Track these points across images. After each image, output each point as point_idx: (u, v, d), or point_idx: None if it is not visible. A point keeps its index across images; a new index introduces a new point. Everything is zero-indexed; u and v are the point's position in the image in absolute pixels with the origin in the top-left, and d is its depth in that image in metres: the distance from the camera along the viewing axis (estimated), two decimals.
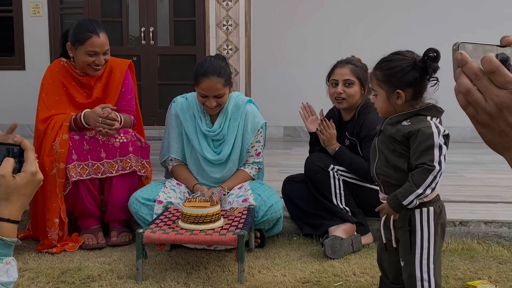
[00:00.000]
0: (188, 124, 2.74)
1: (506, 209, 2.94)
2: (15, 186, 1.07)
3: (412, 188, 1.68)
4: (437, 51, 1.64)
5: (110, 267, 2.39)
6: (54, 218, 2.59)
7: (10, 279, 1.07)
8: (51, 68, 2.85)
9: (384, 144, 1.76)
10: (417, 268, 1.75)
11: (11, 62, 6.11)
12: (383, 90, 1.75)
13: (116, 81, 2.86)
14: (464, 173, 3.90)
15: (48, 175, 2.58)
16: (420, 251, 1.74)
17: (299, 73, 5.74)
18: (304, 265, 2.40)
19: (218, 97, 2.61)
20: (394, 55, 1.75)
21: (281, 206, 2.65)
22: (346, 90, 2.64)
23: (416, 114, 1.72)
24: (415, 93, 1.71)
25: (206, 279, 2.25)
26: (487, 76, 0.66)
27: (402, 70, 1.70)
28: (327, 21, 5.79)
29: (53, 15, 5.97)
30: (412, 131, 1.68)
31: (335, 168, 2.63)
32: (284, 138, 5.86)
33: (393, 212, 1.74)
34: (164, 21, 5.90)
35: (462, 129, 5.78)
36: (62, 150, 2.60)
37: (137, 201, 2.58)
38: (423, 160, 1.67)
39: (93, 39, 2.71)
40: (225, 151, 2.74)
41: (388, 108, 1.76)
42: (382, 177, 1.79)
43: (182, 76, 5.87)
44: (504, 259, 2.47)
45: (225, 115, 2.74)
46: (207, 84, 2.56)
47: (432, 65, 1.66)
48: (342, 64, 2.68)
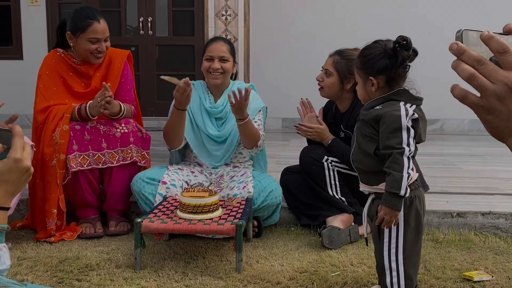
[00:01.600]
0: (193, 104, 2.78)
1: (503, 200, 2.95)
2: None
3: (397, 177, 1.65)
4: (407, 38, 1.67)
5: (108, 256, 2.40)
6: (53, 208, 2.59)
7: (3, 267, 1.06)
8: (47, 59, 2.83)
9: (358, 130, 1.79)
10: (386, 257, 1.76)
11: (9, 51, 6.08)
12: (360, 77, 1.79)
13: (115, 72, 2.85)
14: (462, 165, 3.90)
15: (48, 165, 2.58)
16: (388, 240, 1.75)
17: (298, 64, 5.72)
18: (301, 255, 2.42)
19: (222, 60, 2.74)
20: (373, 43, 1.78)
21: (280, 193, 2.68)
22: (324, 79, 2.65)
23: (390, 99, 1.74)
24: (387, 80, 1.73)
25: (204, 269, 2.26)
26: (497, 55, 0.66)
27: (374, 57, 1.73)
28: (327, 11, 5.77)
29: (51, 4, 5.93)
30: (380, 114, 1.70)
31: (329, 159, 2.63)
32: (282, 130, 5.86)
33: (393, 212, 1.68)
34: (162, 11, 5.87)
35: (460, 122, 5.79)
36: (62, 141, 2.59)
37: (141, 180, 2.60)
38: (391, 142, 1.67)
39: (95, 25, 2.70)
40: (227, 128, 2.78)
41: (365, 95, 1.80)
42: (356, 163, 1.81)
43: (181, 67, 5.86)
44: (501, 250, 2.48)
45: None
46: (214, 46, 2.76)
47: (402, 53, 1.68)
48: (333, 53, 2.69)
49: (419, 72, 1.79)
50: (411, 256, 1.76)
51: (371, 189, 1.79)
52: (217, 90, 2.85)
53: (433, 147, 4.50)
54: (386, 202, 1.68)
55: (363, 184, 1.82)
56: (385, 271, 1.77)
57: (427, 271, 2.23)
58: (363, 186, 1.82)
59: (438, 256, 2.40)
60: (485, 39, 0.67)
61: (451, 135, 5.52)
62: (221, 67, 2.75)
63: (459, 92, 0.69)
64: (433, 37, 5.59)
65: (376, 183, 1.75)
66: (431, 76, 4.68)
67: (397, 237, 1.74)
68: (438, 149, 4.49)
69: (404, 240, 1.74)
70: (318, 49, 4.02)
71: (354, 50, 2.69)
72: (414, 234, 1.75)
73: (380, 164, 1.72)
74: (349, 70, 2.56)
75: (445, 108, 5.52)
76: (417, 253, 1.80)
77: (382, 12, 5.67)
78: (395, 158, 1.66)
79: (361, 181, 1.82)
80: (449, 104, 5.62)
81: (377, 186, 1.75)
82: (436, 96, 4.02)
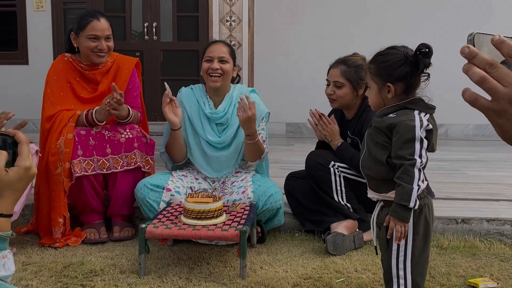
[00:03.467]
0: (192, 110, 2.76)
1: (509, 207, 2.94)
2: (8, 181, 1.02)
3: (407, 189, 1.65)
4: (429, 46, 1.65)
5: (112, 261, 2.40)
6: (58, 217, 2.59)
7: (8, 273, 1.06)
8: (55, 64, 2.86)
9: (370, 137, 1.78)
10: (393, 265, 1.75)
11: (14, 56, 6.11)
12: (375, 83, 1.77)
13: (122, 78, 2.87)
14: (467, 170, 3.89)
15: (52, 174, 2.58)
16: (397, 248, 1.73)
17: (302, 70, 5.72)
18: (306, 261, 2.41)
19: (222, 62, 2.68)
20: (389, 49, 1.76)
21: (281, 197, 2.66)
22: (336, 92, 2.63)
23: (404, 107, 1.73)
24: (406, 87, 1.72)
25: (208, 274, 2.26)
26: (508, 59, 0.66)
27: (394, 64, 1.71)
28: (330, 16, 5.78)
29: (57, 10, 5.97)
30: (394, 123, 1.69)
31: (336, 165, 2.63)
32: (286, 135, 5.85)
33: (402, 223, 1.68)
34: (167, 16, 5.89)
35: (464, 127, 5.77)
36: (67, 149, 2.59)
37: (145, 187, 2.59)
38: (403, 152, 1.66)
39: (93, 23, 2.74)
40: (228, 134, 2.74)
41: (379, 101, 1.77)
42: (365, 170, 1.80)
43: (185, 72, 5.87)
44: (506, 257, 2.47)
45: (230, 100, 2.76)
46: (214, 47, 2.73)
47: (424, 60, 1.67)
48: (336, 64, 2.66)
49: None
50: (419, 264, 1.75)
51: (379, 196, 1.78)
52: (217, 94, 2.78)
53: (437, 152, 4.44)
54: (395, 213, 1.67)
55: (372, 191, 1.81)
56: (392, 279, 1.76)
57: (432, 277, 2.22)
58: (372, 193, 1.81)
59: (443, 262, 2.39)
60: (497, 43, 0.68)
61: (455, 140, 5.50)
62: (220, 68, 2.68)
63: (470, 95, 0.69)
64: (438, 42, 5.59)
65: (385, 190, 1.74)
66: (436, 81, 4.65)
67: (405, 245, 1.73)
68: (442, 154, 4.47)
69: (413, 248, 1.73)
70: (323, 54, 4.02)
71: (355, 56, 2.68)
72: (422, 243, 1.74)
73: (390, 172, 1.71)
74: (360, 76, 2.56)
75: (449, 113, 5.50)
76: (425, 261, 1.79)
77: (386, 18, 5.67)
78: (406, 170, 1.65)
79: (370, 187, 1.80)
80: (454, 109, 5.62)
81: (386, 194, 1.74)
82: (441, 101, 3.97)
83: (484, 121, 3.86)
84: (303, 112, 5.58)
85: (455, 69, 6.55)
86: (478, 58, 0.67)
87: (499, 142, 5.46)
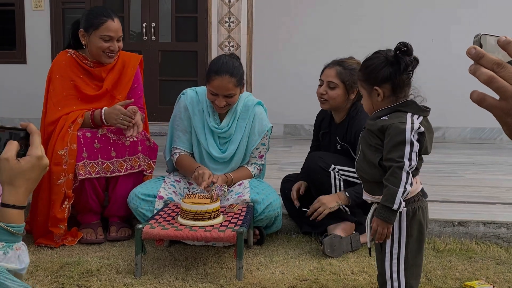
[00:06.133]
0: (196, 118, 2.72)
1: (505, 210, 2.95)
2: (19, 169, 1.03)
3: (392, 191, 1.65)
4: (407, 44, 1.66)
5: (109, 262, 2.40)
6: (59, 224, 2.58)
7: (22, 265, 1.06)
8: (57, 62, 2.75)
9: (364, 139, 1.79)
10: (387, 267, 1.76)
11: (13, 55, 6.11)
12: (364, 89, 1.78)
13: (128, 76, 2.83)
14: (464, 173, 3.90)
15: (53, 184, 2.54)
16: (390, 250, 1.74)
17: (300, 71, 5.73)
18: (302, 263, 2.41)
19: (228, 96, 2.57)
20: (373, 54, 1.78)
21: (279, 204, 2.65)
22: (328, 92, 2.60)
23: (397, 110, 1.73)
24: (392, 88, 1.72)
25: (204, 275, 2.25)
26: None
27: (377, 67, 1.72)
28: (329, 18, 5.79)
29: (55, 9, 5.97)
30: (386, 125, 1.70)
31: (336, 168, 2.61)
32: (284, 136, 5.86)
33: (385, 224, 1.69)
34: (166, 17, 5.90)
35: (462, 130, 5.78)
36: (71, 161, 2.56)
37: (136, 197, 2.57)
38: (392, 155, 1.66)
39: (108, 23, 2.67)
40: (230, 150, 2.72)
41: (371, 106, 1.79)
42: (360, 172, 1.81)
43: (184, 72, 5.87)
44: (502, 260, 2.48)
45: (234, 114, 2.73)
46: (219, 83, 2.53)
47: (404, 59, 1.68)
48: (332, 64, 2.64)
49: (421, 80, 1.79)
50: (412, 267, 1.76)
51: (374, 198, 1.78)
52: None
53: (434, 155, 4.46)
54: (379, 214, 1.69)
55: (366, 193, 1.81)
56: (386, 282, 1.77)
57: (428, 280, 2.22)
58: (366, 195, 1.82)
59: (439, 265, 2.39)
60: (503, 44, 0.69)
61: (453, 143, 5.51)
62: (226, 103, 2.59)
63: (477, 95, 0.69)
64: (436, 45, 5.60)
65: (379, 193, 1.74)
66: (433, 84, 4.67)
67: (399, 248, 1.73)
68: (439, 157, 4.48)
69: (406, 251, 1.73)
70: (321, 56, 4.03)
71: (351, 60, 2.67)
72: (416, 245, 1.75)
73: (383, 174, 1.71)
74: (354, 80, 2.55)
75: (447, 116, 5.52)
76: (419, 264, 1.79)
77: (385, 21, 5.68)
78: (393, 172, 1.66)
79: (365, 190, 1.81)
80: (451, 112, 5.65)
81: (380, 196, 1.75)
82: (438, 104, 4.01)
83: (481, 124, 3.90)
84: (301, 113, 5.63)
85: (452, 72, 6.57)
86: (486, 59, 0.68)
87: (496, 146, 5.48)
